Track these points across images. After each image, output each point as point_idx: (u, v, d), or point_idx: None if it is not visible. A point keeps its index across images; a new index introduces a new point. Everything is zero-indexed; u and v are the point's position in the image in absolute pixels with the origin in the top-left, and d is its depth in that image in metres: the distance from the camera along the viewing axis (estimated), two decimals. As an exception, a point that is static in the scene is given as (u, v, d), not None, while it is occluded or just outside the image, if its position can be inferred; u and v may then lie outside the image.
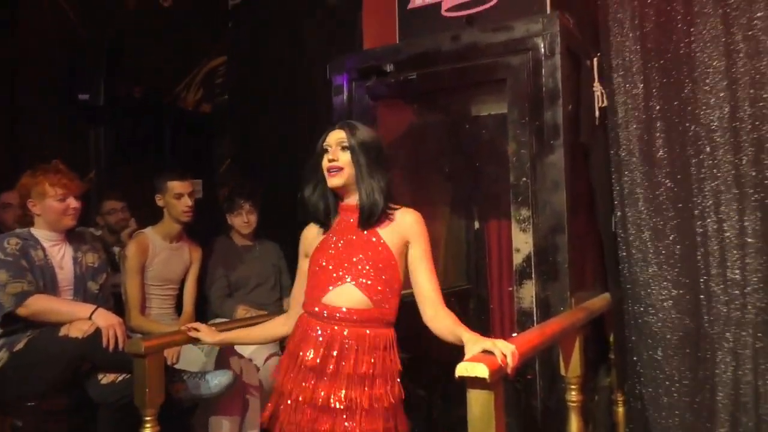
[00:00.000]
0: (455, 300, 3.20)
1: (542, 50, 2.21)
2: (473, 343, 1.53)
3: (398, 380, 1.76)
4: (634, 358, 2.40)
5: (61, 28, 3.67)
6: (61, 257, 2.52)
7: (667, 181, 2.38)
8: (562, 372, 2.06)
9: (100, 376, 2.35)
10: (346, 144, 1.77)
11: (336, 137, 1.79)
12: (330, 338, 1.74)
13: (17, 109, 3.50)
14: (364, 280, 1.75)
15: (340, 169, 1.76)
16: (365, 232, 1.79)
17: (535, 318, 2.19)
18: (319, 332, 1.76)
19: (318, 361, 1.73)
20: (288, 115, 4.18)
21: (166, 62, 4.33)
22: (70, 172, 2.51)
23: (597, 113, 2.45)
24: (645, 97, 2.43)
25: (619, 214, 2.45)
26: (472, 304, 3.24)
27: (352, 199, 1.82)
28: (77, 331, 2.26)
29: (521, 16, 2.30)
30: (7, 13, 3.47)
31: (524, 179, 2.24)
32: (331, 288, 1.77)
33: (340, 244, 1.81)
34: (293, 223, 2.11)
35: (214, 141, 4.74)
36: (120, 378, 2.33)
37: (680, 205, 2.35)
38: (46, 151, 2.89)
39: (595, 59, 2.48)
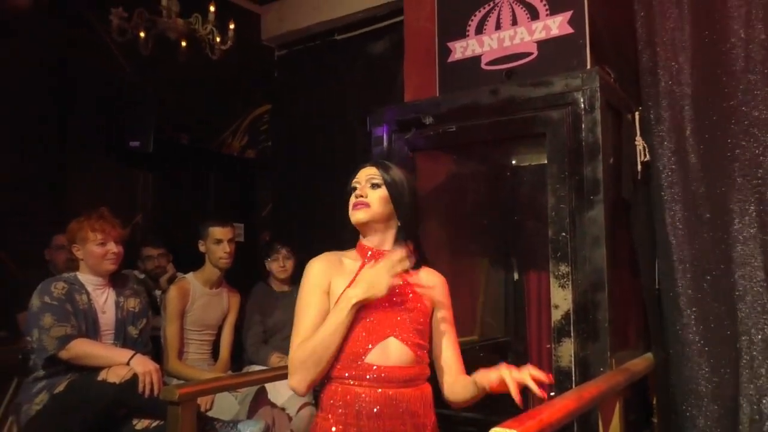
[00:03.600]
0: (491, 352, 3.14)
1: (582, 105, 2.19)
2: (506, 373, 1.51)
3: None
4: (679, 421, 2.29)
5: (114, 79, 3.85)
6: (104, 301, 2.58)
7: (712, 236, 2.31)
8: (602, 437, 1.99)
9: (135, 422, 2.38)
10: (376, 181, 1.67)
11: (366, 173, 1.70)
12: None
13: (69, 156, 3.66)
14: (407, 334, 1.61)
15: (367, 205, 1.65)
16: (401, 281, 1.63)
17: (573, 378, 2.11)
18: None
19: None
20: (328, 162, 4.25)
21: (213, 110, 4.49)
22: (112, 219, 2.59)
23: (639, 168, 2.41)
24: (689, 152, 2.38)
25: (662, 271, 2.38)
26: (510, 358, 3.17)
27: (371, 240, 1.70)
28: (115, 376, 2.30)
29: (561, 70, 2.30)
30: (60, 63, 3.65)
31: (563, 234, 2.20)
32: (370, 346, 1.58)
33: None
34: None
35: (256, 186, 4.85)
36: (154, 424, 2.35)
37: (723, 265, 2.27)
38: (96, 197, 2.99)
39: (637, 113, 2.45)
